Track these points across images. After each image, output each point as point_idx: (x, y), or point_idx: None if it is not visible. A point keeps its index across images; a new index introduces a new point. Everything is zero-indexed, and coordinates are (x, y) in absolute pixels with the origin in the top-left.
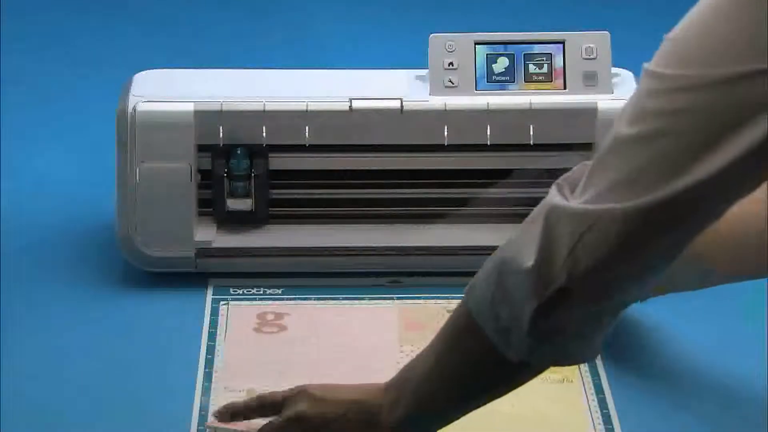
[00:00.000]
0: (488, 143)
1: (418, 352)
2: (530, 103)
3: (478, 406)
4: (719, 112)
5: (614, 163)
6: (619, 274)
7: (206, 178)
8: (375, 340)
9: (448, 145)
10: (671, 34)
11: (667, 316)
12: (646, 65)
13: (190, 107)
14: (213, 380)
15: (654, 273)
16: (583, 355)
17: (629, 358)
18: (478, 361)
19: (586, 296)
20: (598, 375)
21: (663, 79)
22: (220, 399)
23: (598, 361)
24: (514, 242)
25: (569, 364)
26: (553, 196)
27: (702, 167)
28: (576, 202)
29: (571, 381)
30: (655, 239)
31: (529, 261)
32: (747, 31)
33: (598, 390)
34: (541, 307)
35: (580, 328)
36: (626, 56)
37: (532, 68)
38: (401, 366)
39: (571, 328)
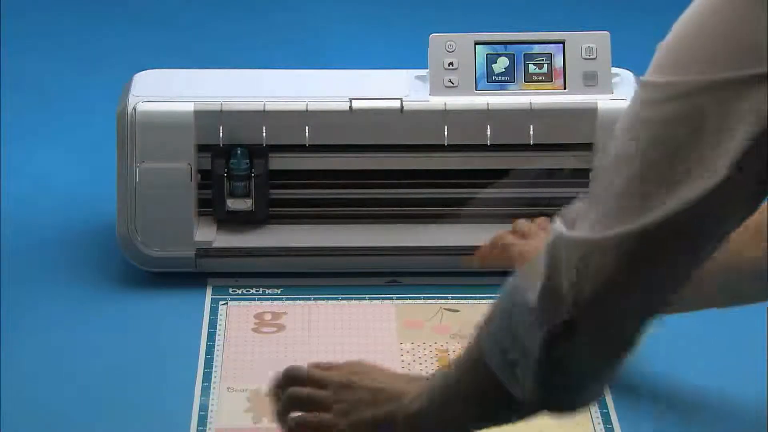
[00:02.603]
0: (488, 143)
1: (417, 350)
2: (530, 103)
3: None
4: (710, 120)
5: (610, 183)
6: (623, 302)
7: (206, 178)
8: (374, 339)
9: (448, 145)
10: (663, 42)
11: (666, 316)
12: (641, 77)
13: (190, 107)
14: (212, 380)
15: (661, 299)
16: (590, 398)
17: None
18: (486, 395)
19: (592, 325)
20: None
21: (653, 88)
22: (219, 398)
23: None
24: (523, 272)
25: (572, 408)
26: (557, 226)
27: (695, 185)
28: (577, 231)
29: None
30: (657, 263)
31: (533, 292)
32: (740, 34)
33: None
34: (549, 339)
35: (588, 365)
36: (626, 56)
37: (532, 68)
38: (401, 364)
39: (577, 364)
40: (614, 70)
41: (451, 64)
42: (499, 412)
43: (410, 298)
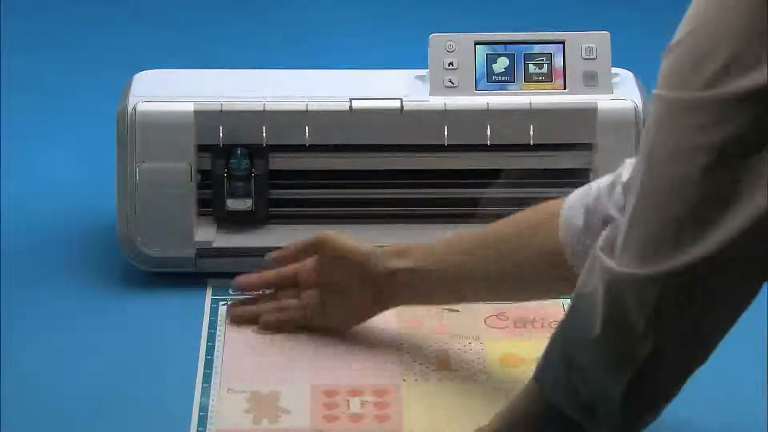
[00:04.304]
0: (488, 143)
1: (416, 348)
2: (530, 103)
3: None
4: (742, 136)
5: (661, 209)
6: (704, 326)
7: (206, 178)
8: (374, 338)
9: (448, 145)
10: (671, 44)
11: None
12: (655, 91)
13: (190, 107)
14: (212, 380)
15: (738, 311)
16: (668, 404)
17: None
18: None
19: (678, 357)
20: None
21: (667, 103)
22: (219, 399)
23: None
24: (577, 314)
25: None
26: (605, 262)
27: (749, 203)
28: (630, 266)
29: None
30: (729, 284)
31: (596, 332)
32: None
33: None
34: (634, 378)
35: (671, 388)
36: (626, 56)
37: (532, 68)
38: (400, 365)
39: (664, 391)
40: (614, 70)
41: (451, 64)
42: None
43: None
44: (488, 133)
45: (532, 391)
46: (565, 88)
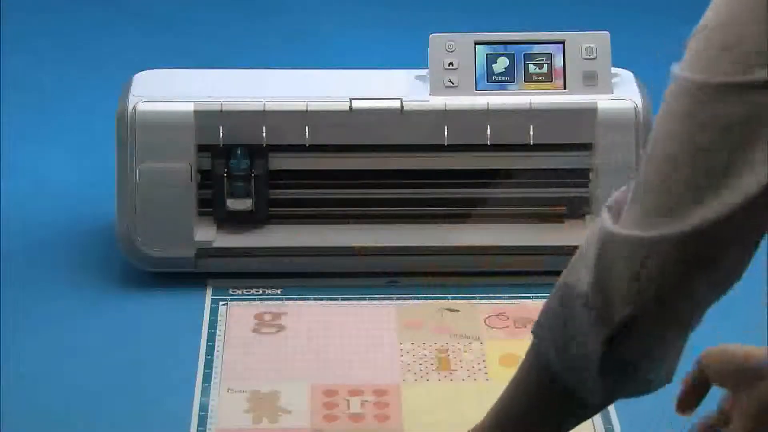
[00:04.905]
0: (488, 143)
1: (417, 350)
2: (530, 103)
3: None
4: (756, 118)
5: (658, 181)
6: (687, 295)
7: (206, 178)
8: (374, 339)
9: (448, 145)
10: (697, 28)
11: None
12: (674, 68)
13: (190, 107)
14: (212, 380)
15: (723, 287)
16: (657, 383)
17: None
18: (550, 400)
19: (657, 321)
20: None
21: (690, 85)
22: (219, 399)
23: None
24: (573, 268)
25: (644, 394)
26: (605, 220)
27: (751, 180)
28: (627, 228)
29: None
30: (717, 257)
31: (584, 288)
32: None
33: None
34: (611, 337)
35: (650, 355)
36: (626, 56)
37: (532, 68)
38: (400, 364)
39: (647, 357)
40: (614, 70)
41: (451, 64)
42: (566, 416)
43: (410, 298)
44: (488, 133)
45: (529, 354)
46: (565, 88)
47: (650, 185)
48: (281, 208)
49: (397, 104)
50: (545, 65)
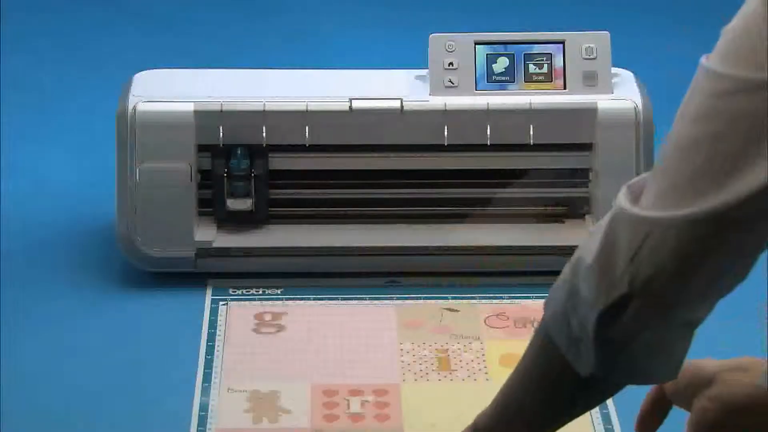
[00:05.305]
0: (488, 143)
1: (417, 350)
2: (530, 103)
3: (558, 424)
4: None
5: (673, 166)
6: (679, 283)
7: (206, 178)
8: (374, 339)
9: (448, 145)
10: (729, 26)
11: None
12: (703, 60)
13: (190, 107)
14: (212, 380)
15: (719, 285)
16: (659, 374)
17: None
18: (555, 377)
19: (648, 305)
20: None
21: (717, 78)
22: (219, 399)
23: None
24: (586, 244)
25: (645, 383)
26: (621, 199)
27: (762, 168)
28: (638, 208)
29: None
30: (716, 248)
31: (589, 261)
32: None
33: None
34: (604, 314)
35: (646, 340)
36: (626, 56)
37: (532, 68)
38: (400, 364)
39: (636, 340)
40: (614, 70)
41: (451, 64)
42: (571, 396)
43: (410, 298)
44: (488, 133)
45: (534, 340)
46: (565, 88)
47: (664, 169)
48: (281, 208)
49: (397, 104)
50: (545, 65)
